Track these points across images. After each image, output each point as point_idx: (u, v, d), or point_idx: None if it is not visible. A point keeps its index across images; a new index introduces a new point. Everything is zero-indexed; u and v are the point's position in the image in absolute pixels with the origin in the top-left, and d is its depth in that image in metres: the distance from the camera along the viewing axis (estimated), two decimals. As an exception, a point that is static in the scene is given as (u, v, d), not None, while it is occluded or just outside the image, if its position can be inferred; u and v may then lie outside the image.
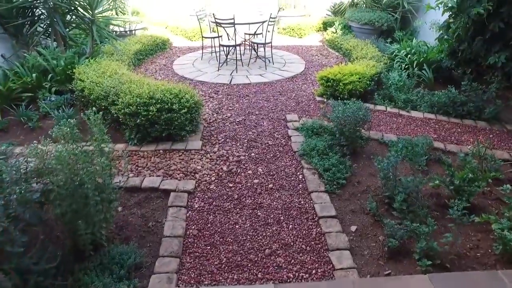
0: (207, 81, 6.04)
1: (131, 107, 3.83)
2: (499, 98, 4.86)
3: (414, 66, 6.16)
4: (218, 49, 6.94)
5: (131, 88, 4.16)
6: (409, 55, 6.46)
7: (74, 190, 2.17)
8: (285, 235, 2.82)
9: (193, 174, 3.53)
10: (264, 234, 2.82)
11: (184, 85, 4.32)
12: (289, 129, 4.39)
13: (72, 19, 6.45)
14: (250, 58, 7.19)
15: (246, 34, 7.41)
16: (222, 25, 6.52)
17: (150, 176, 3.51)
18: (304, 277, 2.46)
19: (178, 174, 3.52)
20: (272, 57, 7.23)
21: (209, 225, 2.92)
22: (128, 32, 8.62)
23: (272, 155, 3.87)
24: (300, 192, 3.31)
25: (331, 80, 5.12)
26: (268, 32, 6.67)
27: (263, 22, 6.75)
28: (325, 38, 9.32)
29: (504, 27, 4.46)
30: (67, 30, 6.40)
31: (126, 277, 2.34)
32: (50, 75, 5.31)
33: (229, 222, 2.96)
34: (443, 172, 3.60)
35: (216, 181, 3.45)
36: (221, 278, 2.44)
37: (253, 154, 3.87)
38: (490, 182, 3.13)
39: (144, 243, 2.73)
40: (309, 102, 5.27)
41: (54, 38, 6.07)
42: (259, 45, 6.96)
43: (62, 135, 2.17)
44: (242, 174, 3.55)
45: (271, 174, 3.56)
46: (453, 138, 4.37)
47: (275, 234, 2.83)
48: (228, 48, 6.91)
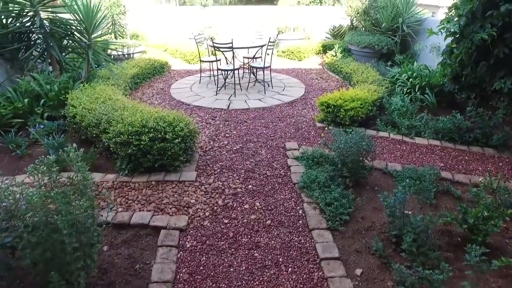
0: (205, 106, 5.89)
1: (122, 136, 3.65)
2: (507, 124, 4.69)
3: (416, 90, 6.03)
4: (216, 72, 6.84)
5: (124, 115, 3.99)
6: (410, 79, 6.34)
7: (47, 236, 1.94)
8: (284, 280, 2.56)
9: (186, 208, 3.31)
10: (261, 278, 2.57)
11: (179, 112, 4.15)
12: (288, 158, 4.19)
13: (68, 44, 6.38)
14: (249, 82, 7.08)
15: (245, 57, 7.33)
16: (221, 49, 6.44)
17: (140, 210, 3.29)
18: (305, 331, 2.20)
19: (170, 209, 3.30)
20: (271, 81, 7.12)
21: (201, 268, 2.67)
22: (126, 55, 8.56)
23: (270, 187, 3.65)
24: (300, 229, 3.08)
25: (332, 106, 4.96)
26: (267, 55, 6.58)
27: (262, 46, 6.67)
28: (324, 61, 9.26)
29: (509, 53, 4.34)
30: (63, 54, 6.32)
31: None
32: (42, 100, 5.18)
33: (223, 264, 2.71)
34: (453, 205, 3.40)
35: (210, 216, 3.22)
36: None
37: (250, 186, 3.65)
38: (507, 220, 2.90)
39: (129, 290, 2.48)
40: (309, 128, 5.09)
41: (50, 62, 5.97)
42: (258, 69, 6.85)
43: (37, 174, 1.96)
44: (239, 208, 3.32)
45: (269, 208, 3.33)
46: (460, 166, 4.16)
47: (273, 279, 2.57)
48: (226, 72, 6.80)
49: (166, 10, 19.23)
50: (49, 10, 5.95)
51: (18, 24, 5.81)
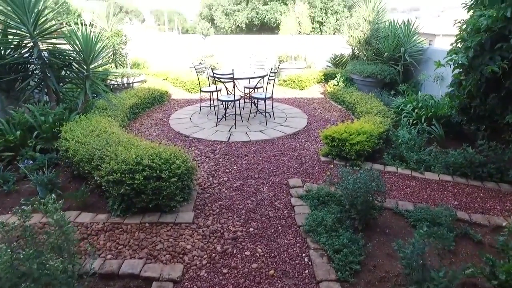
0: (204, 138, 5.68)
1: (115, 175, 3.41)
2: (522, 158, 4.46)
3: (423, 121, 5.84)
4: (217, 102, 6.69)
5: (118, 151, 3.77)
6: (416, 110, 6.18)
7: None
8: None
9: (181, 255, 3.02)
10: None
11: (176, 148, 3.93)
12: (292, 196, 3.93)
13: (66, 74, 6.27)
14: (250, 112, 6.92)
15: (246, 87, 7.21)
16: (222, 80, 6.32)
17: (131, 257, 3.00)
18: None
19: (164, 256, 3.01)
20: (273, 111, 6.96)
21: (196, 329, 2.37)
22: (126, 84, 8.48)
23: (273, 230, 3.37)
24: (306, 280, 2.78)
25: (337, 139, 4.74)
26: (269, 83, 6.45)
27: (263, 76, 6.55)
28: (326, 90, 9.16)
29: (521, 85, 4.17)
30: (61, 84, 6.20)
31: None
32: (36, 132, 4.99)
33: (221, 325, 2.41)
34: (473, 250, 3.12)
35: (208, 265, 2.92)
36: None
37: (251, 229, 3.38)
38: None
39: None
40: (313, 163, 4.86)
41: (46, 92, 5.84)
42: (260, 99, 6.70)
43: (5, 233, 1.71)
44: (239, 256, 3.03)
45: (272, 255, 3.04)
46: (476, 205, 3.89)
47: None
48: (227, 103, 6.65)
49: (169, 38, 19.54)
50: (48, 41, 5.88)
51: (16, 55, 5.74)
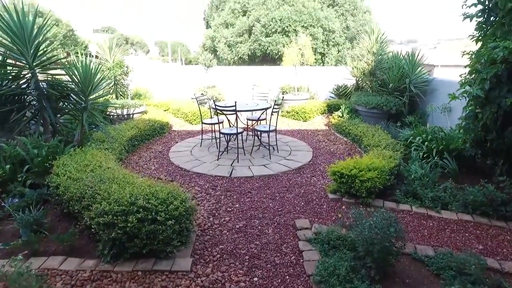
0: (205, 173, 5.39)
1: (106, 217, 3.10)
2: (548, 196, 4.14)
3: (434, 154, 5.57)
4: (218, 134, 6.45)
5: (111, 189, 3.48)
6: (426, 142, 5.92)
7: None
8: None
9: (176, 312, 2.66)
10: None
11: (174, 186, 3.64)
12: (300, 240, 3.58)
13: (64, 105, 6.09)
14: (253, 145, 6.66)
15: (248, 119, 7.00)
16: (224, 112, 6.11)
17: (119, 314, 2.64)
18: None
19: (157, 312, 2.65)
20: (276, 144, 6.71)
21: None
22: (126, 116, 8.31)
23: (280, 280, 3.01)
24: None
25: (346, 176, 4.45)
26: (272, 115, 6.24)
27: (267, 108, 6.35)
28: (331, 121, 8.96)
29: (542, 119, 3.93)
30: (58, 116, 6.01)
31: None
32: (27, 166, 4.73)
33: None
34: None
35: (206, 324, 2.56)
36: None
37: (256, 279, 3.01)
38: None
39: None
40: (320, 200, 4.54)
41: (42, 123, 5.63)
42: (263, 132, 6.46)
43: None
44: (242, 313, 2.67)
45: (280, 313, 2.68)
46: (505, 250, 3.53)
47: None
48: (229, 135, 6.41)
49: (172, 68, 19.73)
50: (47, 72, 5.75)
51: (13, 86, 5.58)
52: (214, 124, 6.68)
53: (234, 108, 5.79)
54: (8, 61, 5.59)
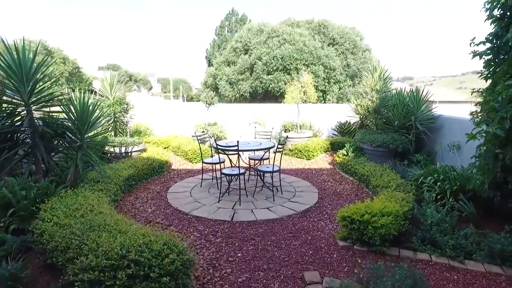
0: (205, 216, 5.01)
1: (92, 273, 2.74)
2: None
3: (448, 196, 5.23)
4: (219, 174, 6.14)
5: (100, 239, 3.14)
6: (438, 183, 5.59)
7: None
8: None
9: None
10: None
11: (171, 235, 3.29)
12: (310, 298, 3.18)
13: (59, 143, 5.85)
14: (256, 186, 6.32)
15: (251, 159, 6.73)
16: (226, 151, 5.85)
17: None
18: None
19: None
20: (280, 185, 6.38)
21: None
22: (124, 154, 8.05)
23: None
24: None
25: (357, 221, 4.10)
26: (274, 153, 5.96)
27: (270, 148, 6.09)
28: (335, 160, 8.68)
29: None
30: (52, 154, 5.75)
31: None
32: (12, 210, 4.38)
33: None
34: None
35: None
36: None
37: None
38: None
39: None
40: (330, 248, 4.15)
41: (34, 162, 5.34)
42: (266, 172, 6.16)
43: None
44: None
45: None
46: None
47: None
48: (231, 176, 6.10)
49: (174, 105, 19.79)
50: (43, 109, 5.57)
51: (7, 123, 5.36)
52: (215, 163, 6.39)
53: (236, 147, 5.53)
54: (4, 97, 5.43)
